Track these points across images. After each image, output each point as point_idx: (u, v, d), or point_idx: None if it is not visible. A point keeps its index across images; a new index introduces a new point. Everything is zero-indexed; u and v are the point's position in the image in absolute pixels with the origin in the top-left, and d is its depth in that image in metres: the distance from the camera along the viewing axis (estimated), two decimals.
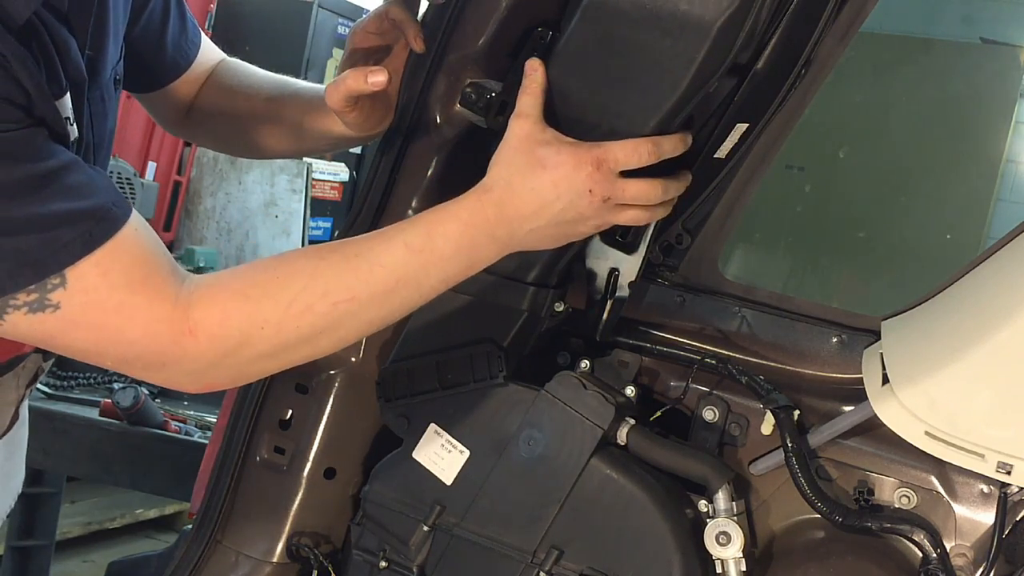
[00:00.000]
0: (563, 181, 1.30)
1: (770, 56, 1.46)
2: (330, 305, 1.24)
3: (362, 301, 1.26)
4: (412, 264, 1.27)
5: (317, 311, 1.24)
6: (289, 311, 1.23)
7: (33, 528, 3.16)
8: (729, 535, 1.45)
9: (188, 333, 1.20)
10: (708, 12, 1.31)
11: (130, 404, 2.76)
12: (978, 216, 5.30)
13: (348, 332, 1.30)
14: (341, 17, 6.41)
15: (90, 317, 1.17)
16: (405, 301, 1.30)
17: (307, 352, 1.29)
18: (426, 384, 1.59)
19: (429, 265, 1.28)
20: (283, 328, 1.23)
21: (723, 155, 1.62)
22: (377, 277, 1.26)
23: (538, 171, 1.30)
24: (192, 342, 1.20)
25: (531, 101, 1.37)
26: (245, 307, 1.23)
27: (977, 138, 5.43)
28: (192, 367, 1.23)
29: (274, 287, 1.24)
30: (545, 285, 1.57)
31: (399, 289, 1.27)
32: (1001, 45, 5.38)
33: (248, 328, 1.22)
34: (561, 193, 1.30)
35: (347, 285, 1.25)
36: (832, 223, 5.51)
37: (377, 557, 1.60)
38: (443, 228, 1.29)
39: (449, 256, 1.29)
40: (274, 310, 1.23)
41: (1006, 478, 1.34)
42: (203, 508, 1.69)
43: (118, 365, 1.24)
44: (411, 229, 1.29)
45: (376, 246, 1.28)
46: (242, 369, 1.27)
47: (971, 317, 1.42)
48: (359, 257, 1.27)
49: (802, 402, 1.56)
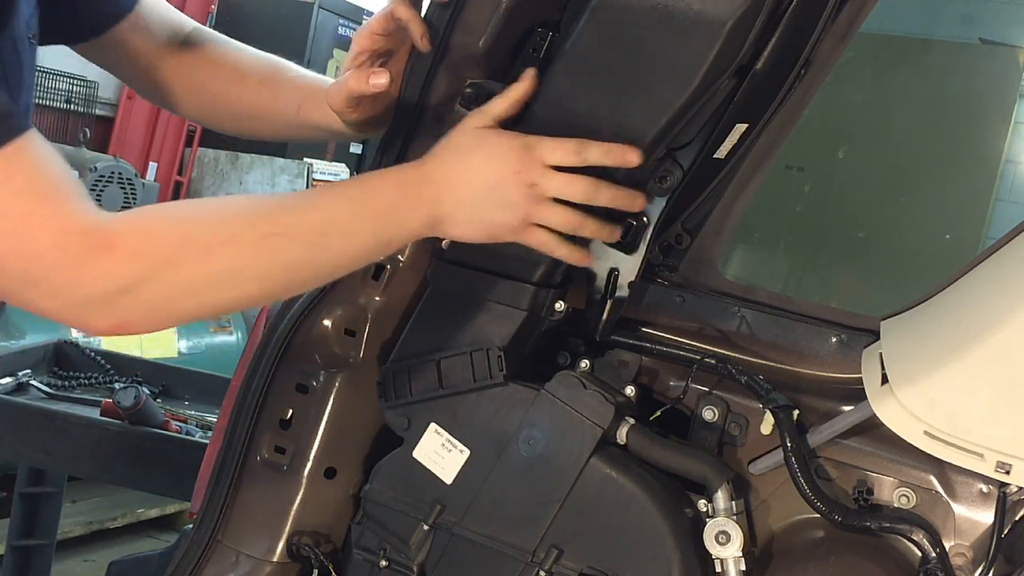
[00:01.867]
0: (494, 159, 1.33)
1: (770, 56, 1.47)
2: (258, 236, 1.21)
3: (291, 238, 1.23)
4: (345, 211, 1.27)
5: (245, 241, 1.20)
6: (216, 235, 1.19)
7: (34, 528, 3.16)
8: (728, 534, 1.46)
9: (105, 247, 1.13)
10: (720, 11, 1.32)
11: (131, 404, 2.76)
12: (977, 216, 5.30)
13: (276, 274, 1.25)
14: (341, 17, 6.42)
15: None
16: (335, 252, 1.28)
17: (231, 295, 1.23)
18: (426, 384, 1.60)
19: (362, 215, 1.28)
20: (209, 253, 1.19)
21: (723, 155, 1.62)
22: (310, 218, 1.25)
23: (474, 150, 1.34)
24: (109, 258, 1.13)
25: (503, 105, 1.39)
26: (172, 226, 1.18)
27: (976, 138, 5.43)
28: (100, 292, 1.14)
29: (204, 213, 1.22)
30: (545, 285, 1.57)
31: (330, 235, 1.26)
32: (1000, 45, 5.38)
33: (173, 246, 1.16)
34: (490, 171, 1.32)
35: (277, 219, 1.23)
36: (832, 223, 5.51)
37: (377, 556, 1.60)
38: (378, 182, 1.32)
39: (381, 211, 1.29)
40: (201, 232, 1.19)
41: (1005, 478, 1.34)
42: (204, 508, 1.69)
43: (21, 288, 1.16)
44: (348, 182, 1.31)
45: (312, 193, 1.29)
46: (158, 304, 1.18)
47: (970, 317, 1.43)
48: (294, 199, 1.29)
49: (802, 402, 1.56)
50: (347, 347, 1.66)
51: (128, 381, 3.18)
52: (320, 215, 1.25)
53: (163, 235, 1.17)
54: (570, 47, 1.43)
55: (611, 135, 1.37)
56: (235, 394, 1.71)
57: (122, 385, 2.99)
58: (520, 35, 1.53)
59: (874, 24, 1.68)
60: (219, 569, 1.68)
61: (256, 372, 1.67)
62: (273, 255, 1.22)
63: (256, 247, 1.21)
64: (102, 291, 1.14)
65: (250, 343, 1.80)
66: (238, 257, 1.20)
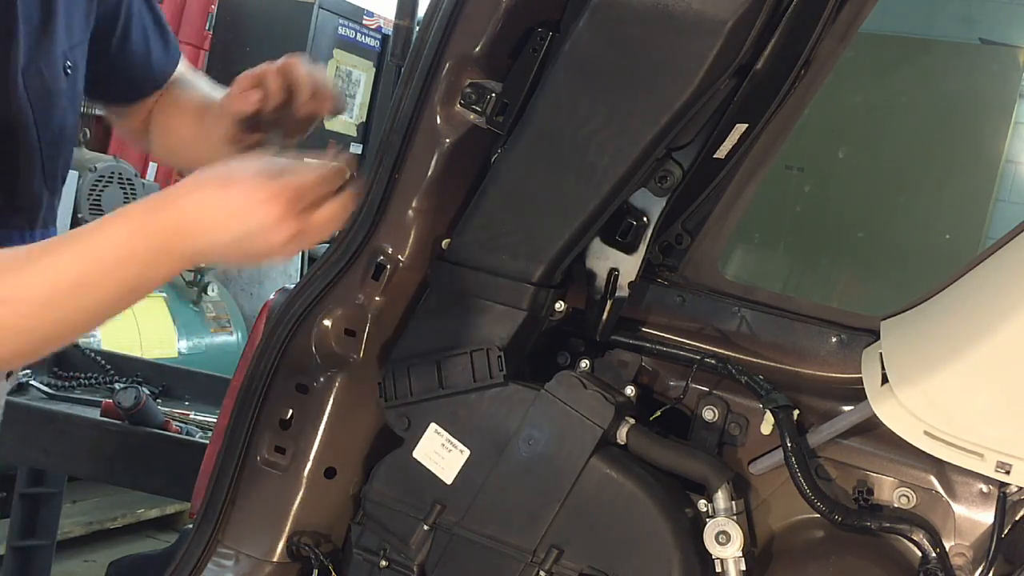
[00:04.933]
0: (247, 207, 1.18)
1: (769, 56, 1.47)
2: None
3: (14, 306, 1.15)
4: (75, 271, 1.17)
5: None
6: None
7: (34, 528, 3.16)
8: (728, 534, 1.46)
9: None
10: (720, 11, 1.32)
11: (131, 404, 2.76)
12: (977, 216, 5.30)
13: (7, 338, 1.17)
14: (341, 17, 6.41)
15: None
16: (74, 311, 1.19)
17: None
18: (426, 384, 1.60)
19: (96, 272, 1.17)
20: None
21: (723, 155, 1.62)
22: (35, 283, 1.16)
23: (225, 187, 1.20)
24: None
25: (294, 179, 1.21)
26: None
27: (976, 138, 5.42)
28: None
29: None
30: (545, 285, 1.57)
31: (65, 298, 1.17)
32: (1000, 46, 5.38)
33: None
34: (235, 203, 1.19)
35: (9, 286, 1.15)
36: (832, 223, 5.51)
37: (377, 556, 1.61)
38: (108, 233, 1.19)
39: (118, 262, 1.18)
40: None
41: (1005, 478, 1.34)
42: (204, 508, 1.69)
43: None
44: (78, 236, 1.19)
45: (41, 252, 1.18)
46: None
47: (970, 317, 1.43)
48: (19, 261, 1.17)
49: (802, 402, 1.56)
50: (347, 347, 1.66)
51: (128, 381, 3.18)
52: (46, 280, 1.16)
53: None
54: (570, 47, 1.43)
55: (611, 135, 1.37)
56: (235, 394, 1.71)
57: (122, 385, 2.99)
58: (520, 35, 1.53)
59: (874, 24, 1.68)
60: (219, 569, 1.68)
61: (256, 372, 1.67)
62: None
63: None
64: None
65: (250, 343, 1.80)
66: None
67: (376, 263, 1.65)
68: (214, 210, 1.19)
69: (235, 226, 1.19)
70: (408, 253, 1.64)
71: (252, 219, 1.18)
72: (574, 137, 1.49)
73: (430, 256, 1.65)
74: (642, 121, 1.40)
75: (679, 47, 1.36)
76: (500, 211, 1.58)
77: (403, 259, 1.65)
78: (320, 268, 1.70)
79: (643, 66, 1.40)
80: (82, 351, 3.38)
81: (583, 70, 1.40)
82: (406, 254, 1.64)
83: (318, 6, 6.22)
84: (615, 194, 1.50)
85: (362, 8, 6.60)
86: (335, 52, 6.30)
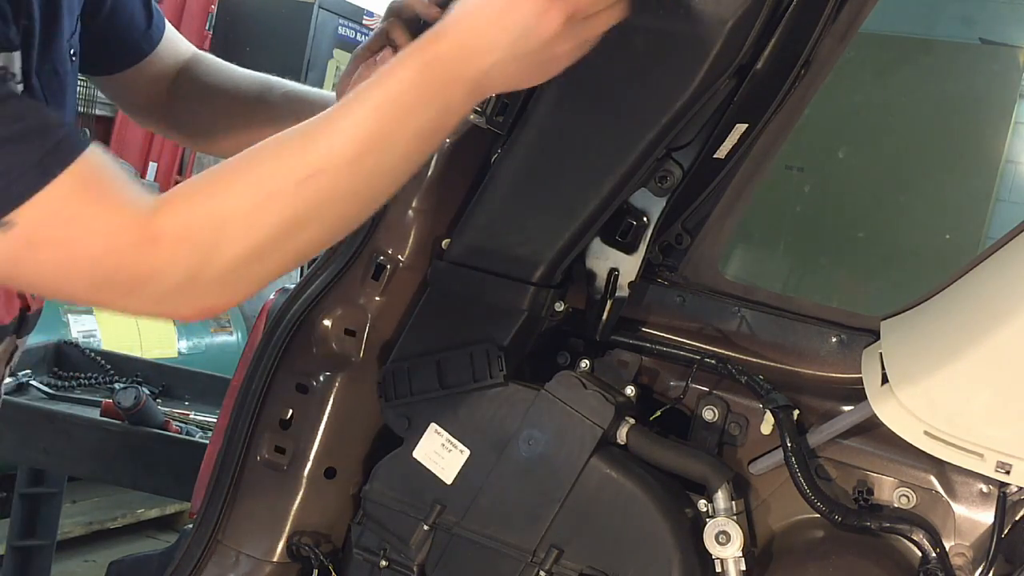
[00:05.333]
0: (514, 5, 1.18)
1: (769, 56, 1.47)
2: (296, 185, 1.14)
3: (330, 173, 1.15)
4: (375, 121, 1.16)
5: (285, 194, 1.13)
6: (255, 199, 1.13)
7: (34, 528, 3.17)
8: (728, 534, 1.46)
9: (150, 241, 1.10)
10: (720, 11, 1.32)
11: (131, 404, 2.76)
12: (977, 216, 5.30)
13: (329, 213, 1.17)
14: (341, 17, 6.41)
15: (46, 232, 1.08)
16: (380, 165, 1.18)
17: (295, 248, 1.17)
18: (426, 384, 1.60)
19: (395, 119, 1.17)
20: (254, 221, 1.13)
21: (723, 155, 1.62)
22: (340, 143, 1.15)
23: (491, 1, 1.19)
24: (156, 252, 1.10)
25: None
26: (207, 204, 1.13)
27: (976, 138, 5.42)
28: (169, 284, 1.12)
29: (235, 178, 1.15)
30: (545, 285, 1.57)
31: (369, 152, 1.16)
32: (1001, 46, 5.38)
33: (214, 226, 1.12)
34: (517, 17, 1.17)
35: (309, 160, 1.14)
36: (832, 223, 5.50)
37: (378, 556, 1.61)
38: (398, 76, 1.17)
39: (414, 104, 1.17)
40: (239, 202, 1.13)
41: (1005, 478, 1.34)
42: (204, 508, 1.69)
43: (92, 294, 1.14)
44: (368, 87, 1.19)
45: (335, 113, 1.17)
46: (227, 279, 1.15)
47: (970, 317, 1.43)
48: (318, 128, 1.16)
49: (801, 402, 1.56)
50: (347, 347, 1.66)
51: (128, 381, 3.18)
52: (348, 137, 1.15)
53: (200, 218, 1.12)
54: None
55: (611, 135, 1.37)
56: (235, 394, 1.71)
57: (122, 385, 3.00)
58: None
59: (874, 24, 1.67)
60: (219, 569, 1.68)
61: (256, 372, 1.67)
62: (319, 196, 1.15)
63: (297, 196, 1.14)
64: (165, 284, 1.12)
65: (250, 343, 1.80)
66: (283, 213, 1.14)
67: (376, 263, 1.65)
68: (486, 14, 1.17)
69: (510, 22, 1.17)
70: (408, 253, 1.64)
71: (523, 7, 1.17)
72: (574, 137, 1.49)
73: (430, 256, 1.65)
74: (642, 121, 1.40)
75: (679, 47, 1.36)
76: (500, 211, 1.58)
77: (403, 259, 1.65)
78: (320, 268, 1.70)
79: (643, 66, 1.40)
80: (82, 351, 3.38)
81: (583, 70, 1.40)
82: (406, 254, 1.65)
83: (318, 6, 6.23)
84: (615, 194, 1.50)
85: (362, 8, 6.61)
86: (335, 52, 6.30)
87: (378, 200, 1.22)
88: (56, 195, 1.08)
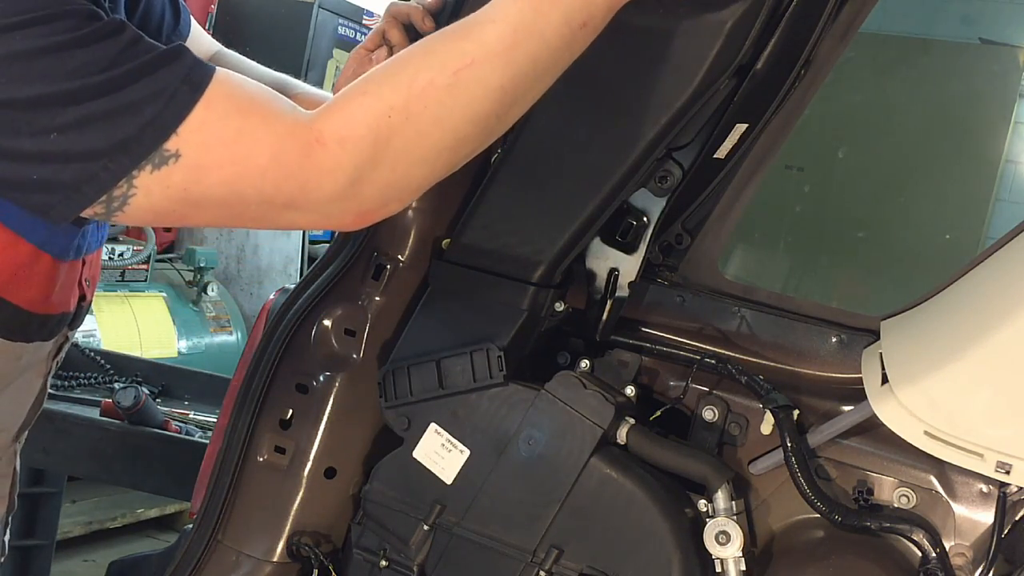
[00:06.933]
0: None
1: (769, 56, 1.47)
2: (451, 75, 1.15)
3: (483, 63, 1.16)
4: (524, 10, 1.18)
5: (439, 84, 1.15)
6: (411, 91, 1.15)
7: (34, 528, 3.17)
8: (728, 534, 1.46)
9: (316, 143, 1.13)
10: (720, 11, 1.32)
11: (131, 404, 2.76)
12: (977, 216, 5.30)
13: (482, 104, 1.18)
14: (341, 17, 6.41)
15: (213, 155, 1.12)
16: (531, 54, 1.19)
17: (458, 141, 1.19)
18: (426, 384, 1.60)
19: (541, 8, 1.18)
20: (411, 111, 1.15)
21: (723, 155, 1.62)
22: (491, 35, 1.17)
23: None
24: (323, 153, 1.13)
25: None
26: (365, 100, 1.15)
27: (976, 138, 5.42)
28: (336, 187, 1.14)
29: (389, 74, 1.17)
30: (545, 285, 1.57)
31: (520, 42, 1.17)
32: (1000, 45, 5.38)
33: (374, 120, 1.14)
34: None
35: (462, 51, 1.16)
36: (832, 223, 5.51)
37: (377, 556, 1.61)
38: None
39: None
40: (394, 93, 1.15)
41: (1005, 478, 1.34)
42: (204, 508, 1.69)
43: (263, 210, 1.17)
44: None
45: (481, 12, 1.19)
46: (391, 179, 1.17)
47: (970, 317, 1.43)
48: (468, 23, 1.19)
49: (801, 402, 1.56)
50: (347, 347, 1.66)
51: (128, 381, 3.18)
52: (499, 28, 1.17)
53: (361, 115, 1.14)
54: None
55: (611, 135, 1.37)
56: (235, 394, 1.71)
57: (122, 385, 3.00)
58: None
59: (874, 24, 1.68)
60: (219, 569, 1.68)
61: (256, 372, 1.67)
62: (475, 88, 1.17)
63: (453, 88, 1.16)
64: (333, 188, 1.15)
65: (250, 343, 1.80)
66: (442, 106, 1.16)
67: (376, 263, 1.65)
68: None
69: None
70: (408, 253, 1.64)
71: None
72: (574, 137, 1.50)
73: (430, 256, 1.65)
74: (642, 121, 1.40)
75: (679, 47, 1.36)
76: (500, 211, 1.58)
77: (403, 259, 1.65)
78: (320, 268, 1.70)
79: (643, 66, 1.40)
80: (82, 350, 3.38)
81: (583, 70, 1.40)
82: (406, 254, 1.65)
83: (318, 6, 6.22)
84: (615, 194, 1.50)
85: (362, 8, 6.60)
86: (335, 52, 6.30)
87: (526, 98, 1.23)
88: (213, 115, 1.12)
